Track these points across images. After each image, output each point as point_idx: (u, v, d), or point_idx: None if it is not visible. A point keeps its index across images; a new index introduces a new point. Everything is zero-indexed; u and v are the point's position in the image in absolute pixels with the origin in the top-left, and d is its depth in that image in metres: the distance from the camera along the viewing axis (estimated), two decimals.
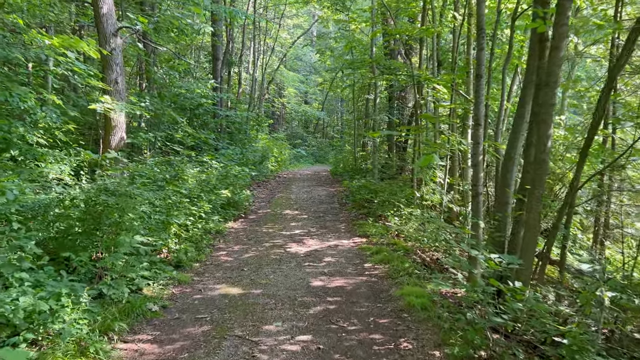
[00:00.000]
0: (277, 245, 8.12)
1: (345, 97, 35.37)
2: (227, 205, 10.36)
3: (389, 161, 16.27)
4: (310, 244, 8.26)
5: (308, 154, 34.76)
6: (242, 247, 7.99)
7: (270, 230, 9.36)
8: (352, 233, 9.15)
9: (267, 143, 22.34)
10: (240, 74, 21.65)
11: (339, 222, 10.34)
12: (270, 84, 31.58)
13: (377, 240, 8.38)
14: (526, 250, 4.70)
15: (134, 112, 9.08)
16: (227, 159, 12.44)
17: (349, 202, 12.59)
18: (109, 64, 9.02)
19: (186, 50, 21.18)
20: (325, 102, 41.96)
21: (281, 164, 22.97)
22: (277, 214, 11.14)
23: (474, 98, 6.30)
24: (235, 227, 9.65)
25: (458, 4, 10.53)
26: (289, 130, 38.66)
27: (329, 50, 22.58)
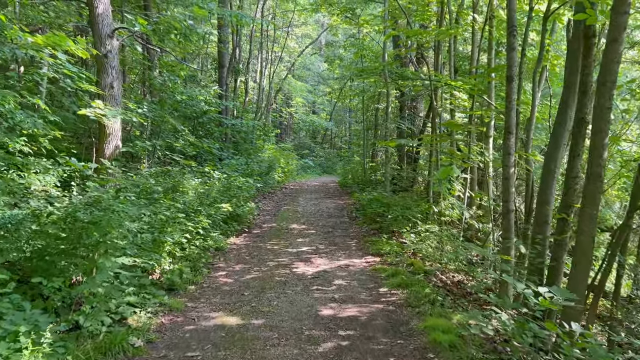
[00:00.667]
0: (282, 264, 7.41)
1: (354, 107, 34.81)
2: (230, 219, 9.68)
3: (400, 172, 15.55)
4: (318, 263, 7.53)
5: (316, 164, 34.11)
6: (243, 266, 7.27)
7: (275, 246, 8.65)
8: (364, 251, 8.41)
9: (273, 153, 21.72)
10: (247, 82, 21.12)
11: (350, 238, 9.61)
12: (278, 94, 31.07)
13: (392, 260, 7.63)
14: (577, 280, 3.95)
15: (130, 119, 8.47)
16: (231, 170, 11.79)
17: (359, 215, 11.86)
18: (104, 67, 8.43)
19: (194, 58, 20.71)
20: (334, 113, 41.40)
21: (288, 175, 22.31)
22: (283, 228, 10.43)
23: (505, 103, 5.59)
24: (238, 243, 8.95)
25: (477, 7, 9.88)
26: (297, 141, 38.08)
27: (338, 59, 22.03)
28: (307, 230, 10.32)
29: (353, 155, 26.48)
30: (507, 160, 5.59)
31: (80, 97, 7.88)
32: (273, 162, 18.70)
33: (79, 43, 6.21)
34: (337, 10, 19.38)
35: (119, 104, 8.66)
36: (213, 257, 7.56)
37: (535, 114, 6.48)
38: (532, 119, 6.42)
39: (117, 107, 8.53)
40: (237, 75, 18.61)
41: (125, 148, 8.54)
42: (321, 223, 11.11)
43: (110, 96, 8.53)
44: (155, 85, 9.95)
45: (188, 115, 14.72)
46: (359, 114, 31.94)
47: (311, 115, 38.87)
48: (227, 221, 9.56)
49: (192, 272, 6.50)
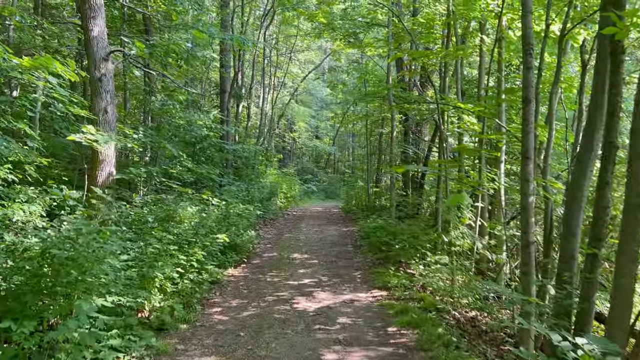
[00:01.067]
0: (282, 299, 6.90)
1: (358, 131, 34.61)
2: (228, 249, 9.20)
3: (406, 199, 15.10)
4: (321, 298, 7.02)
5: (319, 189, 33.70)
6: (240, 301, 6.77)
7: (275, 279, 8.15)
8: (370, 284, 7.89)
9: (276, 178, 21.36)
10: (249, 107, 20.93)
11: (354, 269, 9.09)
12: (281, 119, 30.93)
13: (400, 294, 7.11)
14: (616, 325, 3.47)
15: (124, 145, 8.11)
16: (231, 196, 11.37)
17: (364, 244, 11.35)
18: (97, 91, 8.14)
19: (196, 83, 20.60)
20: (337, 137, 41.23)
21: (290, 201, 21.89)
22: (284, 258, 9.93)
23: (522, 126, 5.18)
24: (236, 274, 8.45)
25: (484, 29, 9.61)
26: (300, 165, 37.80)
27: (341, 83, 21.86)
28: (310, 260, 9.82)
29: (356, 180, 26.07)
30: (526, 187, 5.14)
31: (72, 122, 7.55)
32: (275, 188, 18.30)
33: (69, 65, 5.89)
34: (340, 35, 19.32)
35: (113, 130, 8.32)
36: (208, 292, 7.06)
37: (552, 138, 6.06)
38: (550, 144, 6.00)
39: (111, 132, 8.20)
40: (239, 100, 18.40)
41: (119, 175, 8.16)
42: (324, 252, 10.60)
43: (104, 121, 8.21)
44: (153, 110, 9.64)
45: (187, 141, 14.41)
46: (362, 139, 31.70)
47: (314, 140, 38.70)
48: (225, 251, 9.08)
49: (184, 309, 6.01)
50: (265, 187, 17.00)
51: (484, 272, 8.66)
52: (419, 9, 13.59)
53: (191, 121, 10.61)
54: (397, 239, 9.80)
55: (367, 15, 14.07)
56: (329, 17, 15.70)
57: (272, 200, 17.68)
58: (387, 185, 22.99)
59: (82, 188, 7.59)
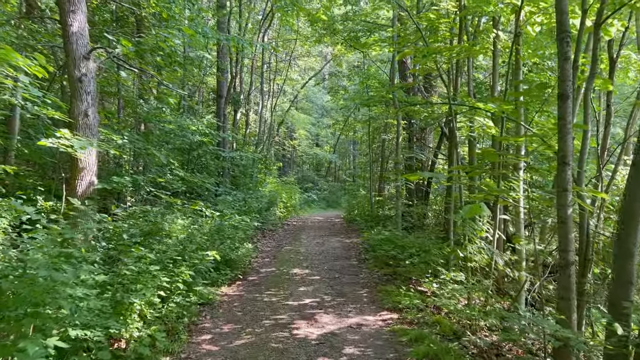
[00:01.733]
0: (281, 324, 6.12)
1: (359, 139, 33.96)
2: (222, 265, 8.44)
3: (411, 208, 14.35)
4: (324, 321, 6.24)
5: (319, 198, 32.96)
6: (233, 327, 5.99)
7: (274, 299, 7.37)
8: (378, 304, 7.11)
9: (275, 187, 20.63)
10: (247, 114, 20.25)
11: (359, 286, 8.32)
12: (280, 126, 30.27)
13: (413, 317, 6.33)
14: None
15: (107, 151, 7.39)
16: (226, 207, 10.63)
17: (369, 258, 10.58)
18: (77, 93, 7.40)
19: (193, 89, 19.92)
20: (337, 145, 40.57)
21: (290, 210, 21.15)
22: (283, 274, 9.16)
23: (559, 127, 4.45)
24: (230, 293, 7.68)
25: (497, 25, 8.92)
26: (300, 174, 37.08)
27: (342, 89, 21.19)
28: (311, 276, 9.04)
29: (358, 189, 25.36)
30: (564, 198, 4.41)
31: (48, 127, 6.83)
32: (274, 197, 17.56)
33: (37, 59, 5.17)
34: (341, 39, 18.69)
35: (95, 135, 7.59)
36: (198, 315, 6.29)
37: (588, 140, 5.34)
38: (585, 147, 5.28)
39: (92, 137, 7.47)
40: (236, 106, 17.72)
41: (101, 184, 7.42)
42: (326, 267, 9.83)
43: (85, 125, 7.48)
44: (141, 114, 8.94)
45: (180, 148, 13.69)
46: (363, 146, 31.01)
47: (315, 148, 38.03)
48: (219, 267, 8.32)
49: (168, 338, 5.25)
50: (264, 196, 16.26)
51: (502, 289, 7.89)
52: (422, 9, 12.96)
53: (183, 126, 9.90)
54: (406, 253, 9.04)
55: (370, 14, 13.41)
56: (330, 19, 15.07)
57: (271, 210, 16.94)
58: (390, 194, 22.27)
59: (61, 198, 6.87)
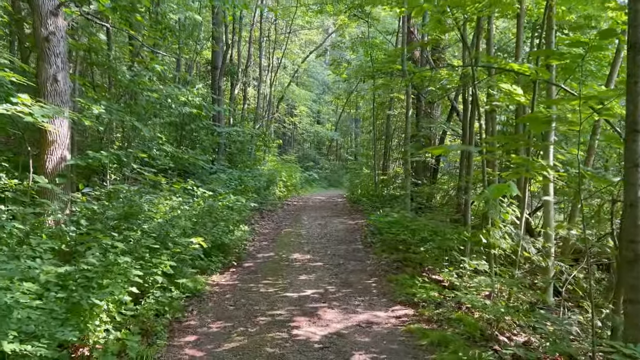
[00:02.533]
0: (279, 321, 5.28)
1: (362, 115, 32.91)
2: (214, 250, 7.59)
3: (420, 188, 13.46)
4: (328, 318, 5.40)
5: (321, 177, 32.09)
6: (223, 325, 5.15)
7: (270, 289, 6.53)
8: (390, 297, 6.26)
9: (275, 166, 19.73)
10: (245, 89, 19.20)
11: (367, 274, 7.47)
12: (280, 102, 29.18)
13: (431, 313, 5.49)
14: None
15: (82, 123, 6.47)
16: (220, 186, 9.74)
17: (375, 241, 9.73)
18: (45, 54, 6.44)
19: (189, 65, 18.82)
20: (339, 123, 39.49)
21: (291, 189, 20.28)
22: (282, 259, 8.32)
23: (627, 86, 3.51)
24: (222, 282, 6.85)
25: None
26: (300, 152, 36.13)
27: (345, 62, 20.06)
28: (313, 262, 8.20)
29: (361, 168, 24.45)
30: (634, 175, 3.51)
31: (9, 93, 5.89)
32: (274, 176, 16.66)
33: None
34: (344, 7, 17.51)
35: (67, 103, 6.64)
36: (182, 310, 5.44)
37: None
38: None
39: (63, 106, 6.54)
40: (233, 79, 16.67)
41: (74, 160, 6.50)
42: (330, 252, 8.98)
43: (54, 92, 6.53)
44: (121, 81, 7.97)
45: (172, 122, 12.74)
46: (366, 124, 29.95)
47: (316, 126, 36.96)
48: (210, 252, 7.47)
49: (144, 341, 4.41)
50: (263, 175, 15.36)
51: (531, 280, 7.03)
52: None
53: (171, 96, 8.92)
54: (417, 237, 8.18)
55: None
56: None
57: (271, 190, 16.07)
58: (395, 172, 21.38)
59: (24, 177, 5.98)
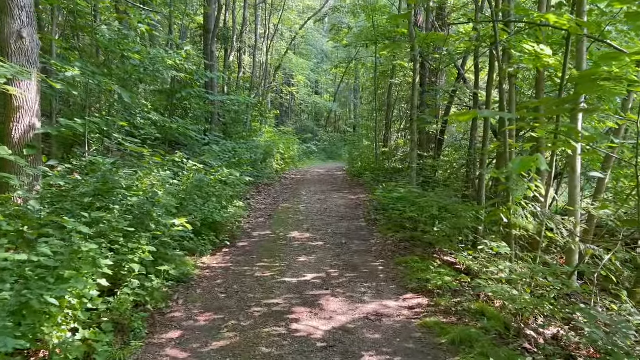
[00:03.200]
0: (275, 312, 4.64)
1: (362, 85, 31.90)
2: (206, 228, 6.92)
3: (425, 161, 12.75)
4: (331, 309, 4.76)
5: (319, 149, 31.33)
6: (212, 317, 4.51)
7: (267, 273, 5.89)
8: (400, 283, 5.63)
9: (272, 137, 18.94)
10: (240, 56, 18.19)
11: (373, 255, 6.83)
12: (277, 71, 28.11)
13: (448, 303, 4.86)
14: None
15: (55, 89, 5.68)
16: (213, 158, 9.00)
17: (380, 219, 9.08)
18: (7, 7, 5.62)
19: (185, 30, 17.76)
20: (338, 94, 38.44)
21: (289, 162, 19.55)
22: (280, 238, 7.67)
23: None
24: (213, 265, 6.20)
25: None
26: (298, 124, 35.23)
27: (345, 27, 18.99)
28: (313, 241, 7.55)
29: (361, 140, 23.67)
30: None
31: None
32: (270, 148, 15.89)
33: None
34: None
35: (35, 64, 5.84)
36: (167, 299, 4.80)
37: None
38: None
39: (30, 66, 5.75)
40: (226, 44, 15.67)
41: (45, 129, 5.74)
42: (331, 230, 8.33)
43: (19, 51, 5.72)
44: (100, 41, 7.12)
45: (163, 90, 11.90)
46: (366, 94, 28.97)
47: (314, 96, 35.91)
48: (201, 232, 6.80)
49: (118, 341, 3.76)
50: (259, 146, 14.58)
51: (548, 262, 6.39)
52: None
53: (156, 59, 8.06)
54: (426, 215, 7.52)
55: None
56: None
57: (268, 162, 15.34)
58: (396, 144, 20.64)
59: None
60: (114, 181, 4.90)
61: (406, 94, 20.42)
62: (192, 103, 11.04)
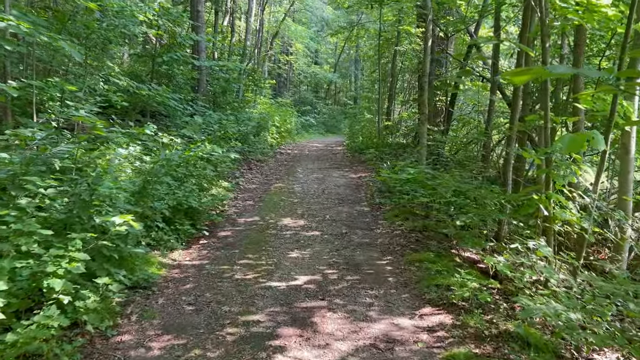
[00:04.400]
0: (254, 337, 3.55)
1: (363, 55, 30.37)
2: (180, 215, 5.80)
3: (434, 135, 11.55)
4: (328, 330, 3.67)
5: (318, 122, 30.04)
6: (170, 344, 3.42)
7: (249, 275, 4.79)
8: (414, 290, 4.52)
9: (267, 109, 17.64)
10: (233, 20, 16.71)
11: (379, 250, 5.73)
12: (274, 39, 26.53)
13: (479, 322, 3.77)
14: None
15: None
16: (194, 131, 7.82)
17: (384, 202, 7.96)
18: None
19: None
20: (338, 64, 36.83)
21: (285, 136, 18.33)
22: (269, 226, 6.55)
23: None
24: (184, 262, 5.09)
25: None
26: (297, 95, 33.75)
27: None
28: (308, 230, 6.44)
29: (362, 113, 22.33)
30: None
31: None
32: (265, 120, 14.63)
33: None
34: None
35: None
36: (116, 315, 3.70)
37: None
38: None
39: None
40: (217, 5, 14.22)
41: None
42: (329, 215, 7.21)
43: None
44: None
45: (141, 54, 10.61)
46: (368, 64, 27.41)
47: (313, 66, 34.28)
48: (174, 220, 5.69)
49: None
50: (252, 119, 13.34)
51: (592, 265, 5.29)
52: None
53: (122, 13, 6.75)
54: (440, 200, 6.39)
55: None
56: None
57: (262, 136, 14.13)
58: (400, 117, 19.38)
59: None
60: (45, 161, 3.73)
61: (411, 64, 19.00)
62: (174, 69, 9.75)
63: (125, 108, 7.06)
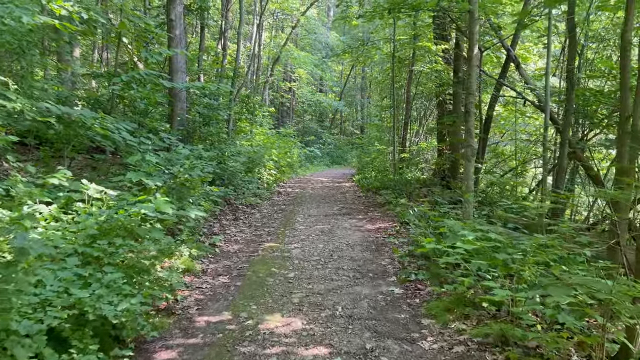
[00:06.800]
0: None
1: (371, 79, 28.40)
2: (82, 332, 3.27)
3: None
4: None
5: (323, 153, 27.76)
6: None
7: None
8: None
9: (265, 140, 15.32)
10: (225, 41, 14.54)
11: None
12: (275, 64, 24.49)
13: None
14: None
15: None
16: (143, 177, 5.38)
17: (424, 278, 5.37)
18: None
19: None
20: (344, 92, 34.81)
21: (285, 171, 15.92)
22: (243, 338, 3.96)
23: None
24: None
25: None
26: (300, 125, 31.60)
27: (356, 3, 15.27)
28: (307, 345, 3.81)
29: (372, 143, 19.95)
30: None
31: None
32: (260, 154, 12.23)
33: None
34: None
35: None
36: None
37: None
38: None
39: None
40: (202, 18, 12.04)
41: None
42: (341, 307, 4.59)
43: None
44: None
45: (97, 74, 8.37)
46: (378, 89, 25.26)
47: (317, 94, 32.21)
48: (70, 343, 3.15)
49: None
50: (243, 153, 10.94)
51: None
52: None
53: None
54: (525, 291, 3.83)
55: None
56: None
57: (255, 173, 11.71)
58: (418, 148, 16.97)
59: None
60: None
61: (425, 88, 16.75)
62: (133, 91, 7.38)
63: (57, 141, 4.66)
